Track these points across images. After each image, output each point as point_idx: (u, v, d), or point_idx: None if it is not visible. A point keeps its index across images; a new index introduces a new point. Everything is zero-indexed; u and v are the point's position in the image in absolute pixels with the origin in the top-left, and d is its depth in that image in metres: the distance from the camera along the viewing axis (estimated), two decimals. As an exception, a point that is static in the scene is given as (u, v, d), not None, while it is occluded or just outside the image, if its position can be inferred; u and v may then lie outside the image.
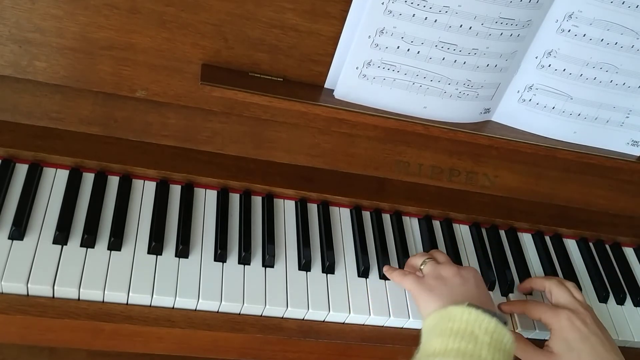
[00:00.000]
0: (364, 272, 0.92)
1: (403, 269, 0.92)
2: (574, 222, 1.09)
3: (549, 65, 0.92)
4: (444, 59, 0.88)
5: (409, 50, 0.87)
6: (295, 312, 0.86)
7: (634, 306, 1.04)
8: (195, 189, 0.93)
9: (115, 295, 0.80)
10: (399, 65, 0.88)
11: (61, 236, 0.81)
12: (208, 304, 0.83)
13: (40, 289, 0.78)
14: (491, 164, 1.05)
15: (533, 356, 0.85)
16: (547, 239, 1.08)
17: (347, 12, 0.84)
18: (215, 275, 0.85)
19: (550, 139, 0.99)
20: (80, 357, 1.10)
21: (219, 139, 0.94)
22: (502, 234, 1.06)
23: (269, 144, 0.96)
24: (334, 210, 0.99)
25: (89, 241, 0.82)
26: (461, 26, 0.85)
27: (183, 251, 0.85)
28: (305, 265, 0.90)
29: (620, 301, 1.03)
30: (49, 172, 0.88)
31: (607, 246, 1.11)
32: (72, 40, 0.83)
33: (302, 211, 0.96)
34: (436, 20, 0.84)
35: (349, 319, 0.88)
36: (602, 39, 0.90)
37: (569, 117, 0.98)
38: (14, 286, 0.77)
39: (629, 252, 1.12)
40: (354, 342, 0.88)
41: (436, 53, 0.87)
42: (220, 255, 0.87)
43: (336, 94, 0.91)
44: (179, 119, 0.92)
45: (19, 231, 0.80)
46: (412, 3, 0.83)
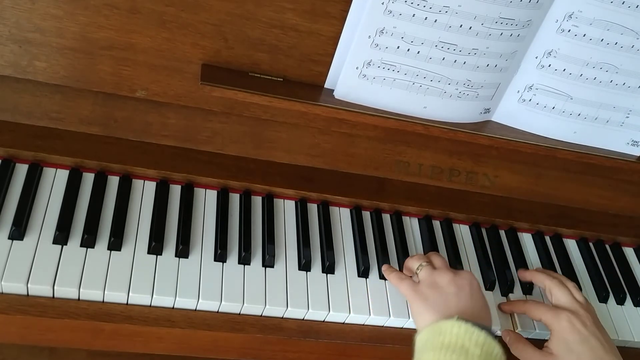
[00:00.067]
0: (364, 272, 0.92)
1: (402, 269, 0.92)
2: (574, 222, 1.09)
3: (549, 65, 0.92)
4: (444, 59, 0.88)
5: (409, 50, 0.87)
6: (295, 312, 0.86)
7: (634, 306, 1.04)
8: (195, 189, 0.93)
9: (115, 295, 0.80)
10: (399, 65, 0.88)
11: (61, 236, 0.81)
12: (208, 304, 0.83)
13: (40, 289, 0.78)
14: (491, 164, 1.05)
15: (532, 357, 0.86)
16: (547, 239, 1.08)
17: (347, 12, 0.84)
18: (215, 275, 0.85)
19: (550, 139, 0.99)
20: (80, 357, 1.10)
21: (219, 139, 0.94)
22: (502, 234, 1.06)
23: (269, 144, 0.96)
24: (334, 210, 0.99)
25: (89, 241, 0.82)
26: (461, 26, 0.85)
27: (183, 251, 0.85)
28: (305, 265, 0.90)
29: (620, 301, 1.03)
30: (49, 172, 0.88)
31: (607, 246, 1.11)
32: (72, 40, 0.83)
33: (302, 211, 0.96)
34: (436, 20, 0.84)
35: (349, 319, 0.88)
36: (602, 39, 0.90)
37: (569, 117, 0.98)
38: (14, 286, 0.77)
39: (629, 252, 1.12)
40: (354, 342, 0.88)
41: (436, 53, 0.87)
42: (220, 255, 0.87)
43: (336, 94, 0.91)
44: (179, 119, 0.92)
45: (19, 231, 0.80)
46: (412, 3, 0.83)
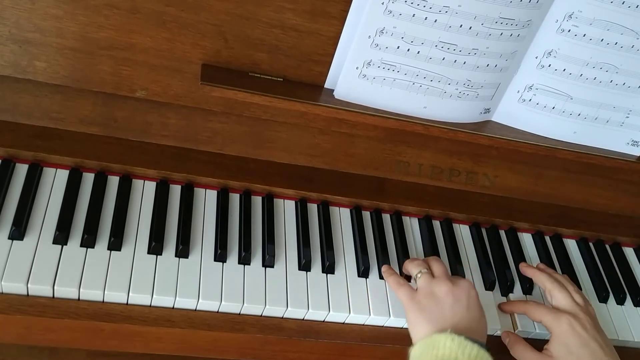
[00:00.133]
0: (364, 272, 0.92)
1: (402, 269, 0.92)
2: (574, 222, 1.09)
3: (549, 65, 0.92)
4: (444, 59, 0.88)
5: (409, 50, 0.87)
6: (295, 312, 0.86)
7: (634, 306, 1.04)
8: (195, 189, 0.93)
9: (115, 295, 0.80)
10: (399, 65, 0.88)
11: (61, 236, 0.81)
12: (208, 304, 0.83)
13: (40, 289, 0.78)
14: (491, 164, 1.05)
15: (532, 359, 0.86)
16: (547, 239, 1.08)
17: (347, 12, 0.84)
18: (215, 275, 0.85)
19: (550, 139, 0.99)
20: (80, 357, 1.10)
21: (219, 139, 0.94)
22: (502, 234, 1.06)
23: (269, 144, 0.96)
24: (334, 210, 0.99)
25: (89, 241, 0.82)
26: (461, 26, 0.85)
27: (183, 251, 0.85)
28: (305, 265, 0.90)
29: (620, 301, 1.03)
30: (49, 172, 0.88)
31: (607, 246, 1.11)
32: (72, 40, 0.83)
33: (302, 211, 0.96)
34: (436, 20, 0.84)
35: (349, 319, 0.88)
36: (602, 39, 0.90)
37: (569, 117, 0.98)
38: (14, 286, 0.77)
39: (629, 252, 1.12)
40: (353, 342, 0.88)
41: (436, 53, 0.87)
42: (220, 255, 0.87)
43: (336, 94, 0.91)
44: (179, 119, 0.92)
45: (19, 231, 0.80)
46: (412, 3, 0.82)
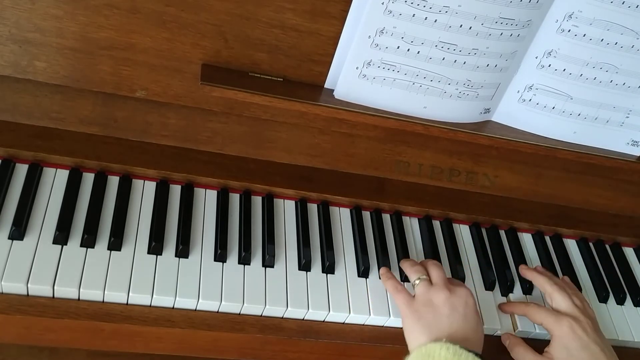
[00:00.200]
0: (364, 272, 0.92)
1: (399, 265, 0.93)
2: (574, 222, 1.09)
3: (549, 65, 0.92)
4: (444, 59, 0.88)
5: (409, 50, 0.87)
6: (295, 312, 0.86)
7: (634, 306, 1.04)
8: (195, 189, 0.93)
9: (115, 295, 0.80)
10: (399, 65, 0.88)
11: (61, 236, 0.81)
12: (208, 304, 0.83)
13: (40, 289, 0.78)
14: (491, 164, 1.05)
15: None
16: (547, 239, 1.08)
17: (347, 12, 0.84)
18: (215, 275, 0.85)
19: (550, 139, 0.99)
20: (80, 357, 1.10)
21: (219, 139, 0.94)
22: (502, 234, 1.06)
23: (269, 144, 0.96)
24: (334, 210, 0.99)
25: (89, 241, 0.82)
26: (461, 26, 0.85)
27: (183, 251, 0.85)
28: (305, 265, 0.90)
29: (620, 301, 1.03)
30: (49, 172, 0.88)
31: (607, 246, 1.11)
32: (72, 40, 0.83)
33: (302, 211, 0.96)
34: (436, 20, 0.84)
35: (349, 319, 0.88)
36: (602, 39, 0.90)
37: (569, 117, 0.98)
38: (14, 286, 0.77)
39: (629, 252, 1.12)
40: (353, 342, 0.88)
41: (436, 53, 0.87)
42: (220, 255, 0.87)
43: (336, 94, 0.91)
44: (179, 119, 0.92)
45: (19, 231, 0.80)
46: (412, 3, 0.82)
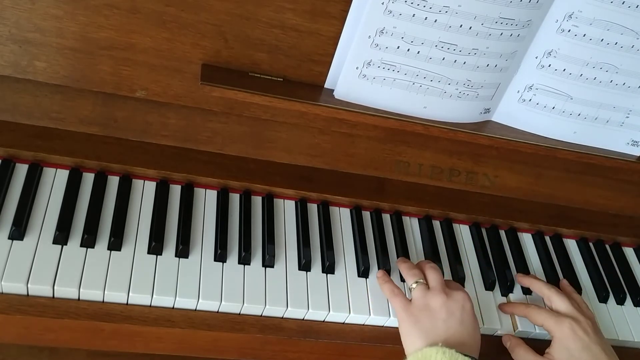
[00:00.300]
0: (364, 272, 0.92)
1: (401, 269, 0.92)
2: (574, 222, 1.09)
3: (549, 65, 0.92)
4: (444, 59, 0.88)
5: (409, 50, 0.87)
6: (295, 312, 0.86)
7: (634, 306, 1.04)
8: (195, 189, 0.93)
9: (115, 295, 0.80)
10: (399, 65, 0.88)
11: (61, 236, 0.81)
12: (208, 304, 0.83)
13: (40, 289, 0.78)
14: (491, 164, 1.05)
15: None
16: (547, 239, 1.08)
17: (347, 12, 0.84)
18: (215, 275, 0.85)
19: (550, 139, 0.99)
20: (80, 357, 1.10)
21: (219, 139, 0.94)
22: (502, 234, 1.06)
23: (269, 144, 0.96)
24: (334, 210, 0.99)
25: (89, 241, 0.82)
26: (461, 26, 0.85)
27: (183, 251, 0.85)
28: (305, 265, 0.90)
29: (620, 301, 1.03)
30: (49, 172, 0.88)
31: (607, 246, 1.11)
32: (72, 40, 0.83)
33: (302, 211, 0.96)
34: (436, 20, 0.84)
35: (349, 319, 0.88)
36: (602, 39, 0.90)
37: (569, 117, 0.98)
38: (14, 286, 0.77)
39: (629, 252, 1.12)
40: (353, 342, 0.88)
41: (436, 53, 0.87)
42: (220, 255, 0.87)
43: (336, 94, 0.91)
44: (179, 119, 0.92)
45: (19, 231, 0.80)
46: (412, 3, 0.82)
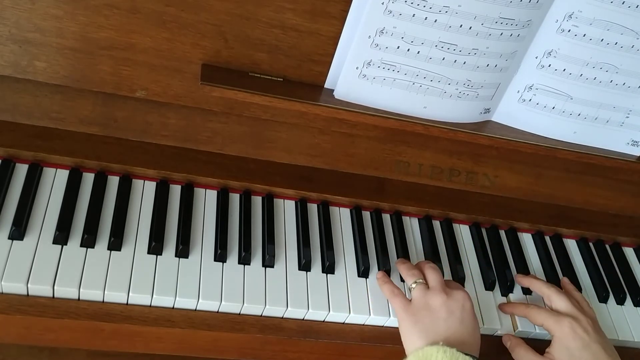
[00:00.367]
0: (364, 272, 0.92)
1: (400, 269, 0.92)
2: (574, 222, 1.09)
3: (549, 65, 0.92)
4: (444, 59, 0.88)
5: (409, 50, 0.87)
6: (295, 312, 0.86)
7: (634, 306, 1.04)
8: (195, 189, 0.93)
9: (115, 295, 0.80)
10: (399, 65, 0.88)
11: (61, 236, 0.81)
12: (208, 304, 0.83)
13: (40, 289, 0.78)
14: (491, 164, 1.05)
15: None
16: (547, 239, 1.08)
17: (347, 12, 0.84)
18: (215, 275, 0.85)
19: (550, 139, 0.99)
20: (80, 357, 1.10)
21: (219, 139, 0.94)
22: (502, 234, 1.06)
23: (269, 144, 0.96)
24: (334, 210, 0.99)
25: (89, 241, 0.82)
26: (461, 26, 0.85)
27: (183, 251, 0.85)
28: (305, 265, 0.90)
29: (620, 301, 1.03)
30: (49, 172, 0.88)
31: (607, 246, 1.11)
32: (72, 40, 0.83)
33: (302, 211, 0.96)
34: (436, 20, 0.84)
35: (349, 319, 0.88)
36: (602, 39, 0.90)
37: (569, 117, 0.98)
38: (14, 286, 0.77)
39: (629, 252, 1.12)
40: (353, 342, 0.88)
41: (436, 53, 0.87)
42: (220, 255, 0.87)
43: (336, 94, 0.91)
44: (179, 119, 0.92)
45: (19, 231, 0.80)
46: (412, 3, 0.82)
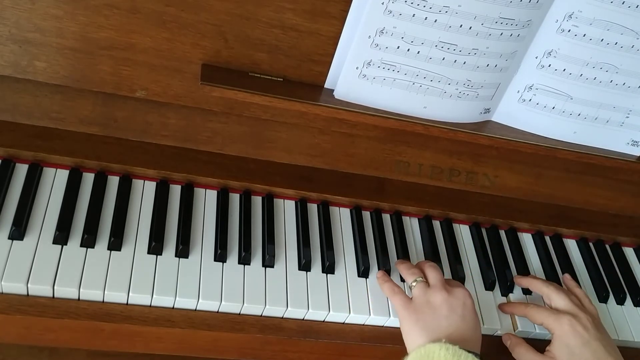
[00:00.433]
0: (364, 272, 0.92)
1: (400, 269, 0.92)
2: (574, 222, 1.09)
3: (549, 65, 0.92)
4: (444, 59, 0.88)
5: (409, 50, 0.87)
6: (295, 312, 0.86)
7: (634, 306, 1.04)
8: (195, 189, 0.93)
9: (115, 295, 0.80)
10: (399, 65, 0.88)
11: (61, 236, 0.81)
12: (208, 304, 0.83)
13: (40, 289, 0.78)
14: (491, 164, 1.05)
15: None
16: (547, 239, 1.08)
17: (347, 12, 0.84)
18: (215, 275, 0.85)
19: (550, 139, 0.99)
20: (80, 357, 1.10)
21: (219, 139, 0.94)
22: (502, 234, 1.06)
23: (269, 144, 0.96)
24: (334, 210, 0.99)
25: (89, 241, 0.82)
26: (461, 26, 0.85)
27: (183, 251, 0.85)
28: (305, 265, 0.90)
29: (620, 301, 1.03)
30: (49, 172, 0.88)
31: (607, 246, 1.11)
32: (72, 40, 0.83)
33: (302, 211, 0.96)
34: (436, 20, 0.84)
35: (349, 319, 0.88)
36: (602, 39, 0.90)
37: (569, 117, 0.98)
38: (14, 286, 0.77)
39: (629, 252, 1.12)
40: (353, 342, 0.88)
41: (436, 53, 0.87)
42: (220, 255, 0.87)
43: (336, 94, 0.91)
44: (179, 119, 0.92)
45: (19, 231, 0.80)
46: (412, 3, 0.82)
